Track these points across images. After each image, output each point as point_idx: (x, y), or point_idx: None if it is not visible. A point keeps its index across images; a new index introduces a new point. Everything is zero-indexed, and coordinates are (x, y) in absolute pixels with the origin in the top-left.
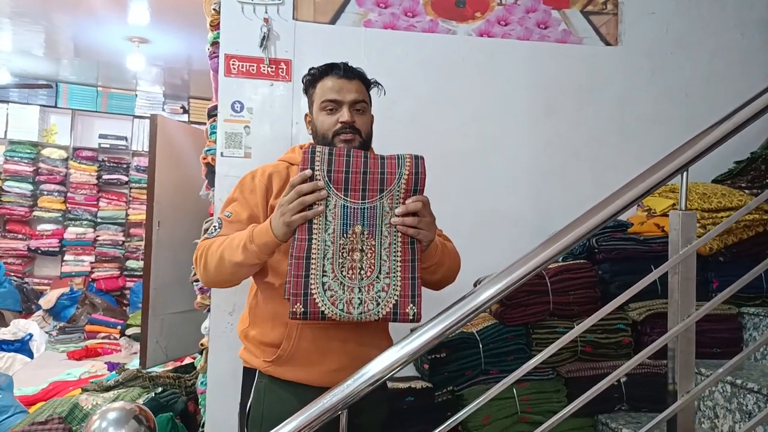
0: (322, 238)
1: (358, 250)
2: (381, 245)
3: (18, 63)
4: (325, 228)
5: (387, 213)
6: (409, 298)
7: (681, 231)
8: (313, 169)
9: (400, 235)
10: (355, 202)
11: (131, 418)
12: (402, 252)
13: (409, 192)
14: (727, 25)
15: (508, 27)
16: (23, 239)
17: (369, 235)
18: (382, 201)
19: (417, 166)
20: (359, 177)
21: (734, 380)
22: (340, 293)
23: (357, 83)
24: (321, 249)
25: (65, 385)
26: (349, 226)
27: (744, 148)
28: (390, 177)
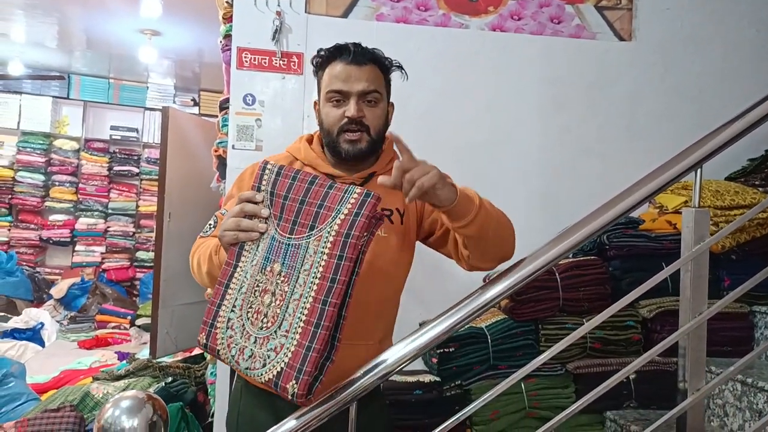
0: (245, 267)
1: (270, 293)
2: (292, 294)
3: (31, 54)
4: (252, 257)
5: (310, 257)
6: (294, 372)
7: (694, 228)
8: (259, 188)
9: (314, 288)
10: (282, 235)
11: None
12: (309, 311)
13: (340, 237)
14: (741, 21)
15: (521, 21)
16: (35, 229)
17: (285, 278)
18: (309, 241)
19: (362, 206)
20: (295, 206)
21: (745, 379)
22: (237, 337)
23: (369, 70)
24: (240, 279)
25: (76, 373)
26: (270, 262)
27: (757, 145)
28: (326, 213)
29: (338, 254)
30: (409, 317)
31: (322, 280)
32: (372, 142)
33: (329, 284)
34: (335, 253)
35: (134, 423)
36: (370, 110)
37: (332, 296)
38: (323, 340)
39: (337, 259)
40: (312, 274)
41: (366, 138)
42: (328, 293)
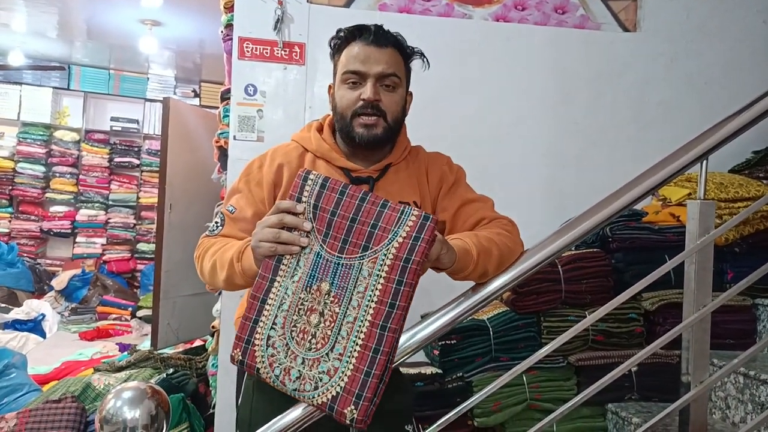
0: (285, 283)
1: (318, 313)
2: (344, 316)
3: (31, 44)
4: (293, 273)
5: (364, 279)
6: (353, 397)
7: (699, 220)
8: (300, 199)
9: (371, 313)
10: (331, 252)
11: (146, 398)
12: (366, 335)
13: (398, 261)
14: (749, 11)
15: (525, 12)
16: (36, 220)
17: (335, 298)
18: (362, 262)
19: (421, 230)
20: (345, 223)
21: (747, 371)
22: (281, 356)
23: (390, 53)
24: (280, 295)
25: (77, 364)
26: (316, 280)
27: (763, 137)
28: (381, 234)
29: (397, 279)
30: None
31: (380, 304)
32: (388, 129)
33: (388, 309)
34: (393, 277)
35: (136, 414)
36: (387, 95)
37: (391, 322)
38: (383, 365)
39: (395, 283)
40: (368, 297)
41: (382, 123)
42: (387, 318)
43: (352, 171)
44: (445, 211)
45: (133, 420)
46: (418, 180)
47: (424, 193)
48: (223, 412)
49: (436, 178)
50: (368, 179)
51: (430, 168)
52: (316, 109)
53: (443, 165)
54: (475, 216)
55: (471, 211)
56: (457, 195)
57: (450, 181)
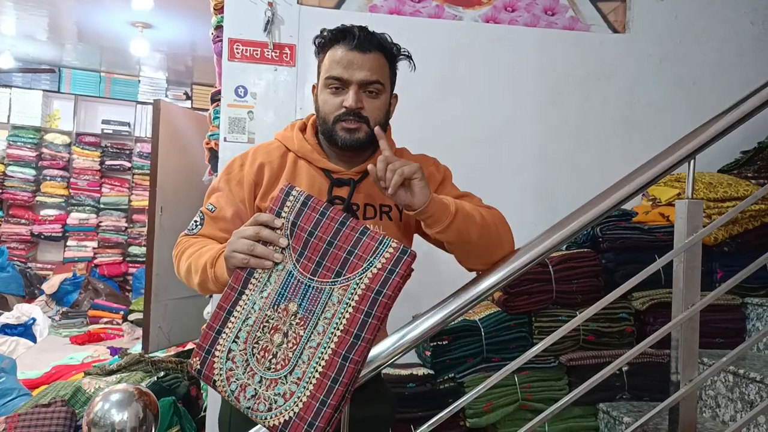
0: (253, 297)
1: (282, 333)
2: (308, 341)
3: (21, 47)
4: (262, 288)
5: (333, 305)
6: (305, 424)
7: (687, 219)
8: (279, 213)
9: (335, 341)
10: (303, 274)
11: (134, 400)
12: (327, 363)
13: (370, 292)
14: (737, 12)
15: (515, 13)
16: (26, 224)
17: (301, 320)
18: (333, 287)
19: (397, 263)
20: (321, 246)
21: (737, 370)
22: (239, 372)
23: (374, 57)
24: (246, 309)
25: (68, 369)
26: (285, 300)
27: (751, 137)
28: (356, 262)
29: (366, 310)
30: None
31: (345, 333)
32: (370, 134)
33: (352, 340)
34: (362, 308)
35: (124, 417)
36: (370, 101)
37: (354, 353)
38: (339, 396)
39: (364, 315)
40: (333, 325)
41: (365, 128)
42: (350, 349)
43: (333, 172)
44: None
45: (121, 423)
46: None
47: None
48: (214, 415)
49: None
50: (349, 181)
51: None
52: (307, 110)
53: (429, 165)
54: None
55: None
56: (444, 193)
57: (437, 180)
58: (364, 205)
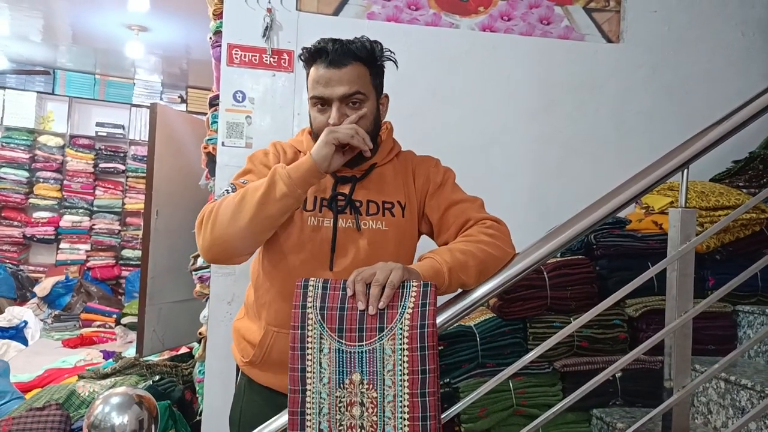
0: (316, 389)
1: (358, 404)
2: (384, 398)
3: (15, 48)
4: (320, 377)
5: (389, 357)
6: None
7: (680, 228)
8: (304, 306)
9: (407, 385)
10: (351, 344)
11: (134, 403)
12: (410, 407)
13: (414, 330)
14: (728, 23)
15: (511, 22)
16: (19, 226)
17: (369, 384)
18: (383, 342)
19: (425, 296)
20: (356, 314)
21: (728, 377)
22: None
23: (350, 70)
24: (316, 402)
25: (60, 372)
26: (346, 375)
27: (742, 147)
28: (391, 312)
29: (419, 346)
30: None
31: (412, 374)
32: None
33: (421, 376)
34: (415, 345)
35: (124, 420)
36: (354, 113)
37: (428, 387)
38: (435, 429)
39: (419, 350)
40: (398, 373)
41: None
42: (423, 385)
43: (338, 171)
44: (432, 211)
45: (121, 426)
46: (404, 181)
47: (410, 194)
48: (209, 419)
49: (423, 179)
50: (352, 178)
51: (417, 169)
52: (305, 115)
53: (431, 166)
54: (461, 218)
55: (458, 213)
56: (443, 196)
57: (437, 182)
58: (367, 201)
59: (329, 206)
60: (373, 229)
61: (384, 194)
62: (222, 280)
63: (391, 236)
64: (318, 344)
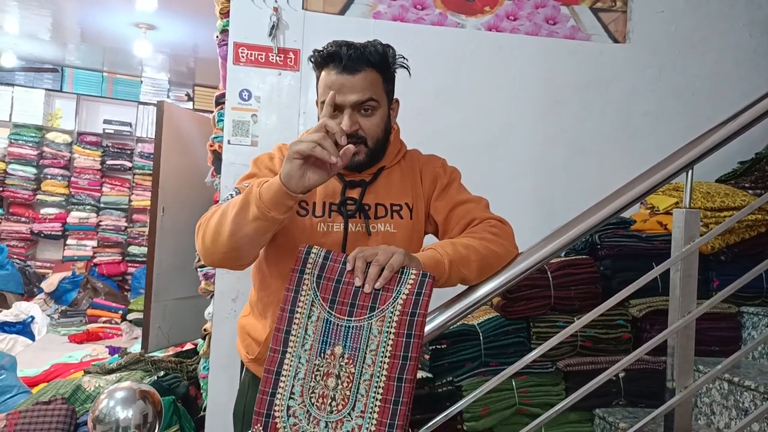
0: (297, 353)
1: (334, 376)
2: (360, 375)
3: (24, 46)
4: (303, 342)
5: (375, 337)
6: None
7: (684, 228)
8: (303, 271)
9: (386, 368)
10: (340, 317)
11: (138, 398)
12: (384, 389)
13: (405, 316)
14: (735, 24)
15: (517, 22)
16: (26, 222)
17: (349, 360)
18: (371, 322)
19: (422, 285)
20: (350, 289)
21: (732, 378)
22: (303, 423)
23: (364, 76)
24: (293, 366)
25: (66, 367)
26: (329, 345)
27: (748, 148)
28: (386, 295)
29: (406, 332)
30: None
31: (393, 358)
32: (371, 152)
33: (401, 361)
34: (402, 331)
35: (129, 414)
36: (366, 120)
37: (407, 373)
38: (404, 415)
39: (405, 337)
40: (380, 354)
41: (364, 149)
42: (401, 370)
43: (346, 175)
44: (437, 212)
45: (125, 420)
46: (412, 182)
47: (417, 195)
48: (213, 415)
49: (430, 179)
50: (361, 182)
51: (424, 170)
52: (310, 114)
53: (437, 167)
54: (467, 218)
55: (462, 213)
56: (449, 197)
57: (443, 183)
58: (375, 204)
59: (339, 211)
60: (382, 231)
61: (392, 197)
62: (227, 278)
63: (400, 238)
64: (308, 310)
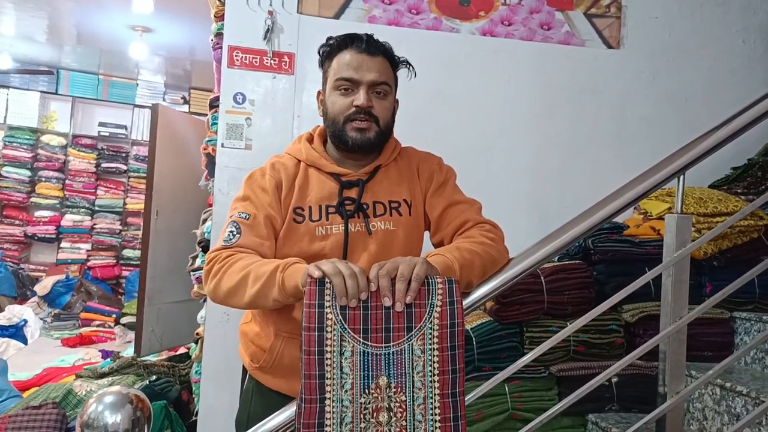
0: (337, 396)
1: (385, 410)
2: (413, 401)
3: (20, 48)
4: (341, 383)
5: (419, 358)
6: None
7: (676, 234)
8: (322, 305)
9: (437, 386)
10: (377, 346)
11: (127, 402)
12: (441, 408)
13: (444, 329)
14: (729, 30)
15: (512, 27)
16: (20, 225)
17: (397, 388)
18: (411, 343)
19: (452, 293)
20: (381, 313)
21: (724, 383)
22: None
23: (381, 61)
24: (337, 412)
25: (59, 371)
26: (372, 379)
27: (742, 154)
28: (419, 311)
29: (449, 345)
30: None
31: (442, 374)
32: (380, 133)
33: (451, 376)
34: (445, 345)
35: (117, 419)
36: (379, 101)
37: (458, 386)
38: (464, 429)
39: (450, 350)
40: (429, 373)
41: (375, 128)
42: (453, 385)
43: (342, 176)
44: (432, 209)
45: (114, 425)
46: (409, 178)
47: (414, 191)
48: (205, 420)
49: (426, 176)
50: (358, 182)
51: (421, 166)
52: (305, 118)
53: (434, 164)
54: (460, 218)
55: (456, 213)
56: (444, 195)
57: (439, 180)
58: (373, 203)
59: (337, 212)
60: (382, 229)
61: (390, 194)
62: None
63: (400, 235)
64: (338, 347)
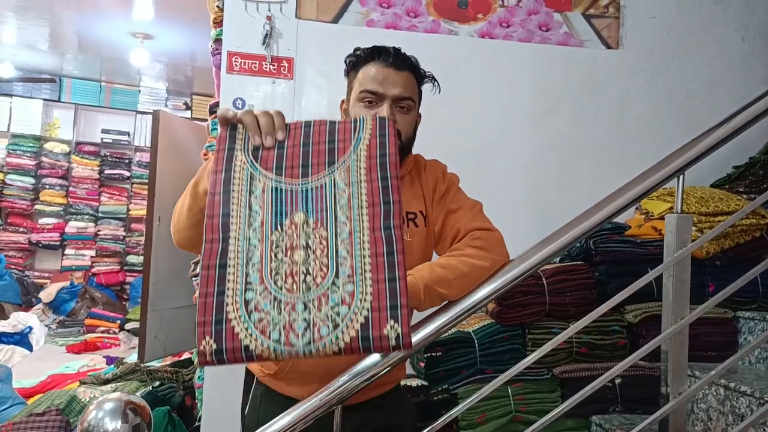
0: (243, 235)
1: (302, 247)
2: (337, 236)
3: (22, 57)
4: (249, 221)
5: (343, 191)
6: (386, 312)
7: (676, 233)
8: (232, 148)
9: (366, 219)
10: (292, 181)
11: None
12: (371, 241)
13: (373, 159)
14: (728, 29)
15: (510, 29)
16: (24, 232)
17: (317, 223)
18: (334, 176)
19: (383, 128)
20: (298, 150)
21: (728, 383)
22: (273, 314)
23: (406, 76)
24: (243, 250)
25: (64, 378)
26: (285, 216)
27: (743, 152)
28: (343, 146)
29: (380, 176)
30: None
31: (372, 206)
32: (402, 148)
33: (383, 207)
34: (375, 176)
35: (117, 425)
36: (402, 116)
37: (393, 219)
38: (403, 266)
39: (380, 181)
40: (355, 206)
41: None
42: (386, 217)
43: None
44: (435, 221)
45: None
46: (422, 190)
47: (428, 201)
48: (208, 425)
49: (431, 186)
50: None
51: (428, 175)
52: None
53: (438, 173)
54: (454, 228)
55: (452, 223)
56: (443, 205)
57: (441, 191)
58: None
59: None
60: None
61: (407, 206)
62: None
63: (416, 245)
64: (247, 186)
